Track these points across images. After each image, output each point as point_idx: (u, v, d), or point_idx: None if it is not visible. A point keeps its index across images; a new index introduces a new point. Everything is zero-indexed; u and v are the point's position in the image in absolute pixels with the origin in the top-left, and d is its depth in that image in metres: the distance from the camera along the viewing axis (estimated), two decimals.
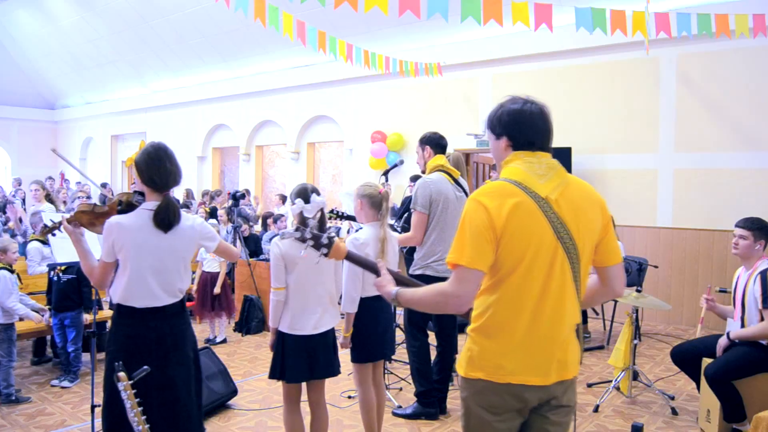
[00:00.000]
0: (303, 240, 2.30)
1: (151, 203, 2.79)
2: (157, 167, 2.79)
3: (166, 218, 2.77)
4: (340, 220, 4.86)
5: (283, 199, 10.21)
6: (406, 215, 4.97)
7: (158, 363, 2.75)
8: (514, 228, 1.87)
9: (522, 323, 1.91)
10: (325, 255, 2.31)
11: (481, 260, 1.87)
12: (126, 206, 2.89)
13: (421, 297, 2.05)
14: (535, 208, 1.90)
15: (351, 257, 2.39)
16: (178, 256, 2.85)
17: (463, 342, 2.09)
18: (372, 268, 2.33)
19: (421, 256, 4.26)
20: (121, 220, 2.75)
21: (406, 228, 4.47)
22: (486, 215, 1.88)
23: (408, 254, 4.79)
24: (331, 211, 4.82)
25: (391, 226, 5.12)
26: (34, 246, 5.45)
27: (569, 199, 1.96)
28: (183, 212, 2.91)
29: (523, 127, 2.00)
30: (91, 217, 2.96)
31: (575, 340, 2.01)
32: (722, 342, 4.00)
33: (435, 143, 4.42)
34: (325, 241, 2.30)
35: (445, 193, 4.21)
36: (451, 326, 4.44)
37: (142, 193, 2.88)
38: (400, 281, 2.26)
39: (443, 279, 4.02)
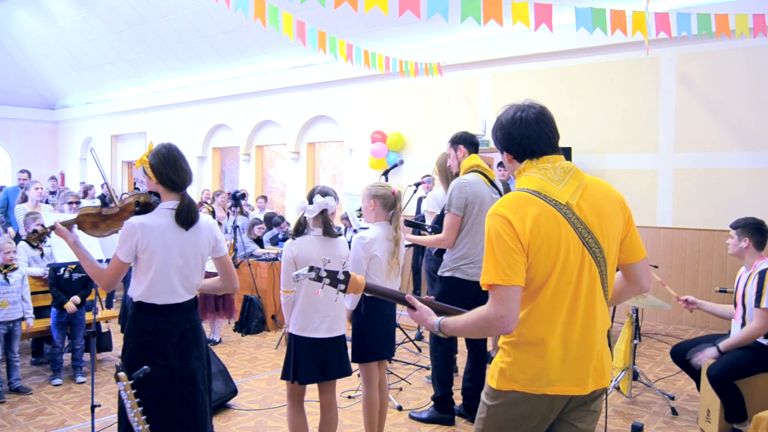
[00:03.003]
0: (319, 279, 2.24)
1: (170, 203, 2.81)
2: (174, 167, 2.81)
3: (189, 216, 2.81)
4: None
5: (265, 198, 10.62)
6: (437, 216, 4.89)
7: (181, 357, 2.82)
8: (541, 240, 1.83)
9: (556, 334, 1.88)
10: (343, 291, 2.23)
11: (516, 275, 1.81)
12: (143, 207, 2.90)
13: (465, 325, 1.96)
14: (557, 216, 1.85)
15: (370, 289, 2.29)
16: (197, 253, 2.89)
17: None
18: (397, 299, 2.26)
19: (452, 258, 4.13)
20: (144, 220, 2.75)
21: (437, 230, 4.38)
22: (510, 229, 1.83)
23: (437, 255, 4.73)
24: (360, 209, 4.79)
25: (418, 226, 5.09)
26: (20, 246, 5.46)
27: (590, 202, 1.92)
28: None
29: (516, 139, 1.97)
30: (97, 219, 2.94)
31: (606, 346, 1.98)
32: (710, 353, 3.97)
33: (469, 142, 4.29)
34: (341, 277, 2.23)
35: (481, 195, 4.06)
36: None
37: (156, 194, 2.90)
38: (432, 308, 2.17)
39: (473, 282, 4.00)
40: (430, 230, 4.72)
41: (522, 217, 1.83)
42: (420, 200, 8.57)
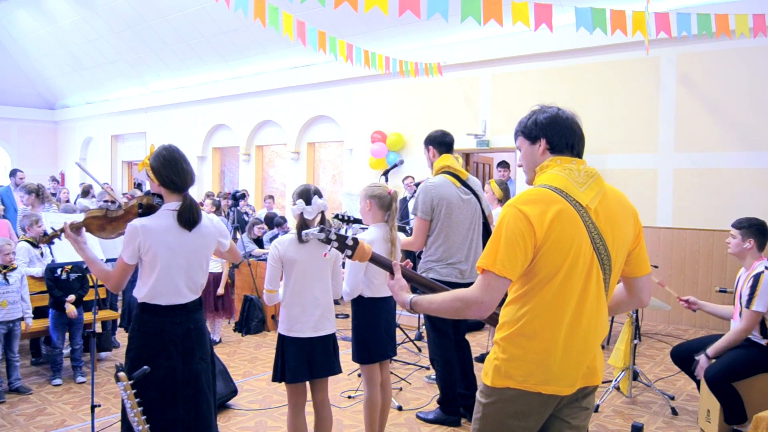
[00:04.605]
0: (327, 241, 2.24)
1: (172, 204, 2.83)
2: (175, 169, 2.83)
3: (191, 217, 2.83)
4: (347, 224, 4.77)
5: (272, 198, 10.57)
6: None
7: (184, 358, 2.83)
8: (557, 236, 1.84)
9: (559, 334, 1.89)
10: (350, 257, 2.24)
11: (512, 269, 1.83)
12: (146, 208, 2.92)
13: (440, 304, 1.98)
14: (576, 217, 1.87)
15: (375, 259, 2.30)
16: (201, 254, 2.91)
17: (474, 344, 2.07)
18: (390, 269, 2.27)
19: (426, 260, 4.17)
20: (146, 222, 2.77)
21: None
22: (526, 224, 1.83)
23: (419, 257, 4.76)
24: (336, 216, 4.77)
25: (401, 228, 5.07)
26: (21, 246, 5.45)
27: (607, 209, 1.93)
28: None
29: (562, 129, 1.98)
30: (104, 222, 2.97)
31: (600, 348, 2.03)
32: (703, 362, 3.97)
33: (438, 142, 4.27)
34: (350, 242, 2.23)
35: (447, 197, 4.07)
36: (462, 332, 4.36)
37: (159, 196, 2.91)
38: (412, 279, 2.20)
39: (446, 283, 4.01)
40: (410, 232, 4.73)
41: (542, 212, 1.84)
42: (404, 200, 8.60)
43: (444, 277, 4.06)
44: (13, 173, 8.99)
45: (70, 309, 5.05)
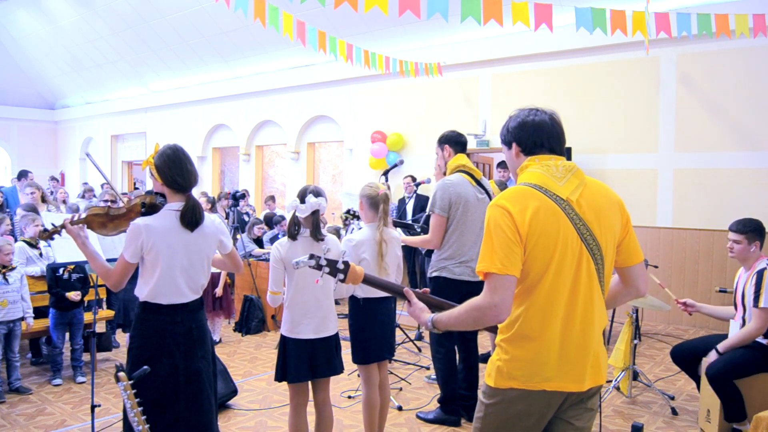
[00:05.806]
0: (318, 267, 2.26)
1: (175, 204, 2.85)
2: (179, 169, 2.84)
3: (193, 218, 2.84)
4: (358, 220, 4.80)
5: (273, 199, 10.59)
6: (424, 217, 4.90)
7: (185, 356, 2.85)
8: (540, 232, 1.85)
9: (555, 329, 1.89)
10: (342, 281, 2.25)
11: (512, 265, 1.84)
12: (149, 208, 2.93)
13: (458, 317, 1.97)
14: (557, 211, 1.88)
15: (369, 280, 2.31)
16: (202, 254, 2.92)
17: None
18: (397, 292, 2.28)
19: (438, 258, 4.14)
20: (149, 221, 2.79)
21: (426, 230, 4.39)
22: (510, 220, 1.85)
23: (427, 255, 4.75)
24: (348, 212, 4.82)
25: (407, 226, 5.08)
26: (17, 246, 5.45)
27: (589, 200, 1.95)
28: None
29: (529, 130, 2.01)
30: (105, 219, 2.98)
31: (602, 344, 2.01)
32: (711, 357, 3.97)
33: (454, 142, 4.28)
34: (341, 266, 2.25)
35: (465, 195, 4.07)
36: (471, 332, 4.34)
37: (162, 195, 2.93)
38: (428, 303, 2.20)
39: (460, 282, 4.01)
40: (419, 230, 4.72)
41: (522, 209, 1.86)
42: (402, 200, 8.60)
43: (458, 275, 4.05)
44: (24, 175, 8.98)
45: (71, 294, 5.05)
